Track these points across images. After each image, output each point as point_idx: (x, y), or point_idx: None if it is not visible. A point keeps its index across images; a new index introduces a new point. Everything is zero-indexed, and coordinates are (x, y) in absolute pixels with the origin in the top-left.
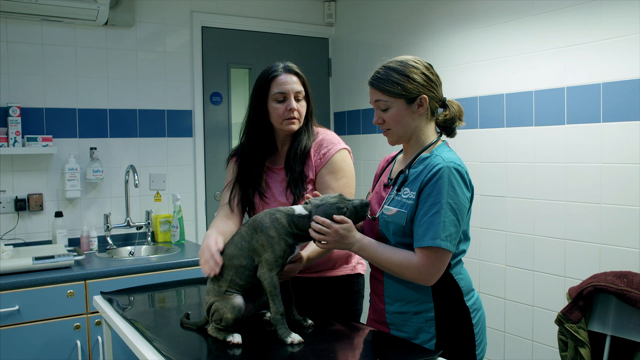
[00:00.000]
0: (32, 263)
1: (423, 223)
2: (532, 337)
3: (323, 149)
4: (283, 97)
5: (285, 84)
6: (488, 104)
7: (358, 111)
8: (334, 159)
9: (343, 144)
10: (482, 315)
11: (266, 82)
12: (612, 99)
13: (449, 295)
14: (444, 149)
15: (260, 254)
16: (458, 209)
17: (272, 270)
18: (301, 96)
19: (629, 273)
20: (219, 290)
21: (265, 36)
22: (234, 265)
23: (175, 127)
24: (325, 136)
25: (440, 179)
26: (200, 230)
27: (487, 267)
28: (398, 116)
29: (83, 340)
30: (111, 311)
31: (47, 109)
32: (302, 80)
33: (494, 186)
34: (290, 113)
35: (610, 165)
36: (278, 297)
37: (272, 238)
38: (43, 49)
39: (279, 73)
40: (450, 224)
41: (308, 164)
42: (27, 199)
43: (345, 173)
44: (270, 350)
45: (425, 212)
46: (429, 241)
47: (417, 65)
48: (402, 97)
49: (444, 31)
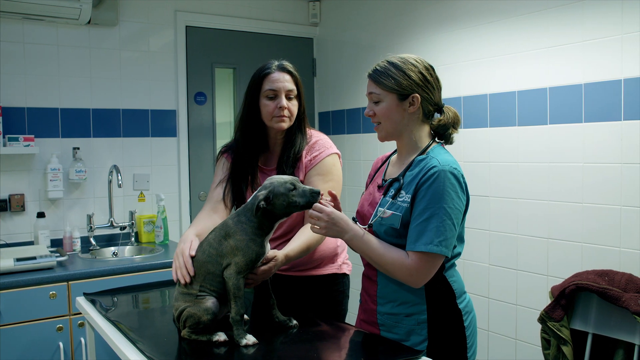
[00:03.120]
0: (13, 264)
1: (417, 226)
2: (516, 336)
3: (315, 151)
4: (274, 95)
5: (277, 81)
6: (472, 104)
7: (342, 111)
8: (324, 162)
9: (335, 149)
10: (474, 318)
11: (259, 79)
12: (593, 99)
13: (441, 298)
14: (440, 151)
15: (230, 258)
16: (453, 213)
17: (240, 273)
18: (293, 95)
19: (610, 272)
20: (189, 295)
21: (249, 36)
22: (203, 273)
23: (159, 127)
24: (319, 139)
25: (435, 182)
26: (184, 230)
27: (471, 266)
28: (388, 111)
29: (66, 342)
30: (94, 312)
31: (29, 109)
32: (295, 80)
33: (478, 186)
34: (281, 111)
35: (592, 165)
36: (240, 299)
37: (241, 241)
38: (24, 47)
39: (272, 71)
40: (445, 229)
41: (299, 165)
42: (9, 200)
43: (333, 177)
44: (256, 348)
45: (420, 215)
46: (422, 246)
47: (416, 64)
48: (395, 92)
49: (428, 31)
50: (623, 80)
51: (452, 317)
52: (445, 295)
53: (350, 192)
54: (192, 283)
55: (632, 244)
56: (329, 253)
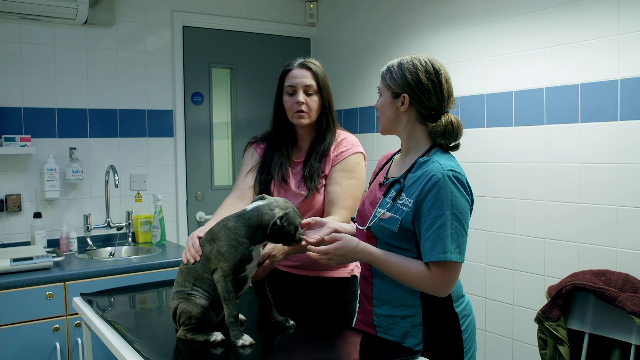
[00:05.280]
0: (10, 264)
1: (430, 236)
2: (513, 336)
3: (342, 147)
4: (293, 91)
5: (295, 77)
6: (469, 104)
7: (340, 111)
8: (350, 159)
9: (361, 148)
10: (472, 322)
11: (282, 76)
12: (590, 99)
13: (437, 301)
14: (442, 154)
15: (215, 263)
16: (462, 218)
17: (227, 277)
18: (312, 90)
19: (606, 271)
20: (182, 293)
21: (246, 36)
22: (194, 274)
23: (156, 127)
24: (347, 137)
25: (441, 190)
26: (181, 230)
27: (468, 266)
28: (383, 105)
29: (62, 343)
30: (91, 313)
31: (26, 109)
32: (315, 75)
33: (475, 186)
34: (298, 106)
35: (588, 165)
36: (232, 301)
37: (224, 247)
38: (21, 47)
39: (292, 68)
40: (457, 235)
41: (326, 160)
42: (5, 200)
43: (356, 175)
44: (252, 349)
45: (430, 224)
46: (439, 255)
47: (418, 66)
48: (389, 89)
49: (425, 32)
50: (620, 81)
51: (448, 321)
52: (441, 299)
53: None
54: (185, 283)
55: (629, 244)
56: None
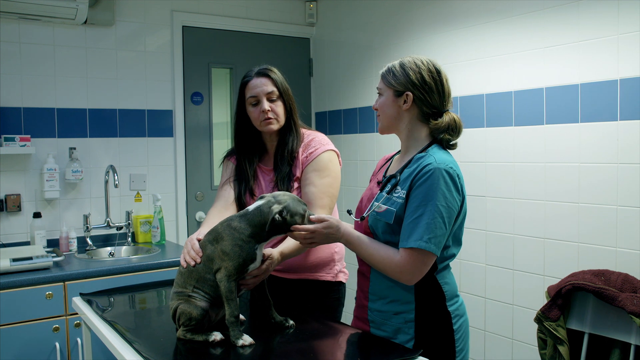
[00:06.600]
0: (9, 264)
1: (409, 223)
2: (512, 336)
3: (311, 148)
4: (256, 101)
5: (255, 87)
6: (468, 104)
7: (339, 111)
8: (320, 158)
9: (332, 146)
10: (466, 322)
11: (241, 88)
12: (589, 99)
13: (431, 299)
14: (439, 150)
15: (219, 262)
16: (445, 211)
17: (230, 277)
18: (274, 96)
19: (606, 271)
20: (182, 294)
21: (246, 36)
22: (195, 276)
23: (155, 127)
24: (315, 137)
25: (429, 180)
26: (181, 230)
27: (468, 266)
28: (384, 105)
29: (62, 343)
30: (90, 313)
31: (25, 109)
32: (274, 82)
33: (474, 186)
34: (265, 114)
35: (588, 165)
36: (234, 301)
37: (229, 247)
38: (21, 47)
39: (250, 78)
40: (435, 226)
41: (295, 163)
42: (5, 200)
43: (330, 172)
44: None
45: (412, 212)
46: (412, 242)
47: (421, 65)
48: (392, 87)
49: (424, 32)
50: (619, 81)
51: (440, 319)
52: (434, 297)
53: (347, 191)
54: (186, 284)
55: (628, 244)
56: (325, 258)
